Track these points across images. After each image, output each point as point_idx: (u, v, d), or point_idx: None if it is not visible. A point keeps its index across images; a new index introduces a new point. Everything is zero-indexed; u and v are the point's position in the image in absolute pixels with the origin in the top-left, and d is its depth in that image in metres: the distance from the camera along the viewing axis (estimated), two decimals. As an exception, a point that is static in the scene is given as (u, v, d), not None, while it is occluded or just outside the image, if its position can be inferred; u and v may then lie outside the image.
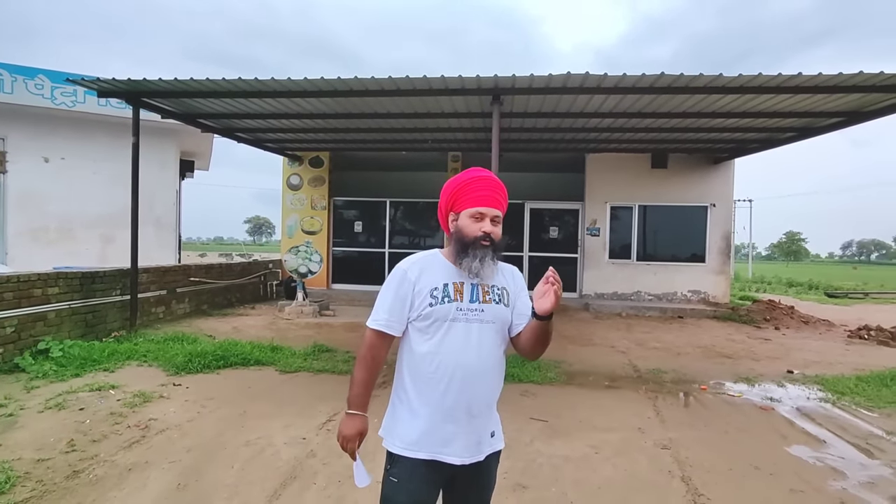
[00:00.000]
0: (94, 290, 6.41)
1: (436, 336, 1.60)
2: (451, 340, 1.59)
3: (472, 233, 1.61)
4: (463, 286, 1.62)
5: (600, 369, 5.94)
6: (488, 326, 1.63)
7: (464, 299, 1.61)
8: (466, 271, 1.61)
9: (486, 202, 1.63)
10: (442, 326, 1.59)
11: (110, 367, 5.15)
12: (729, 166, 11.15)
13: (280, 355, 5.85)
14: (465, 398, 1.59)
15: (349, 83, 6.05)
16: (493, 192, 1.65)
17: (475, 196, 1.63)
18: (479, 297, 1.63)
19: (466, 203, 1.63)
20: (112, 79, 6.13)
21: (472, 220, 1.62)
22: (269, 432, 3.72)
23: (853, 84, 5.63)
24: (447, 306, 1.59)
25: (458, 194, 1.66)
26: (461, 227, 1.64)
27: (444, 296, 1.60)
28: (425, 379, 1.60)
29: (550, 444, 3.71)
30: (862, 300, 15.75)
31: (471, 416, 1.61)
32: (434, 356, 1.59)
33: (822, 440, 3.95)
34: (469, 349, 1.59)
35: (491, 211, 1.64)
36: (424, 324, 1.61)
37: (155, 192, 10.51)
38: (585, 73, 5.59)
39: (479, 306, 1.62)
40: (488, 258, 1.60)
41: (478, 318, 1.61)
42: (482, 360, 1.61)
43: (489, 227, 1.62)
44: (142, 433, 3.61)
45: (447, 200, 1.71)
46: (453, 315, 1.59)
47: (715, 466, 3.42)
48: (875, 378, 5.57)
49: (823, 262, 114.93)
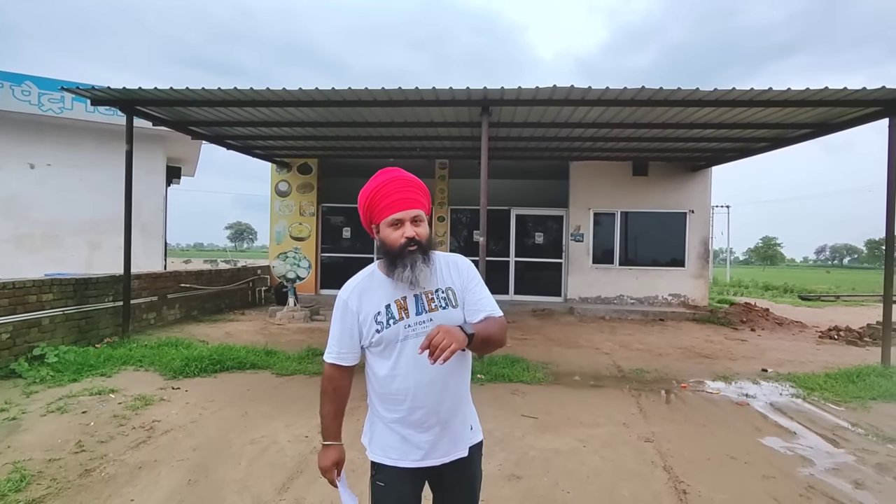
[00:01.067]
0: (88, 297, 6.45)
1: (391, 357, 1.57)
2: (406, 360, 1.56)
3: (395, 241, 1.54)
4: (406, 301, 1.57)
5: (586, 370, 6.18)
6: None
7: (410, 314, 1.56)
8: (401, 282, 1.55)
9: (400, 206, 1.55)
10: (395, 348, 1.56)
11: (107, 372, 5.22)
12: (707, 174, 11.57)
13: (275, 359, 5.97)
14: (432, 410, 1.58)
15: (342, 94, 6.22)
16: (405, 192, 1.56)
17: (388, 203, 1.55)
18: (424, 307, 1.58)
19: (382, 212, 1.56)
20: (107, 88, 6.22)
21: (392, 228, 1.55)
22: (272, 431, 3.86)
23: (819, 99, 5.99)
24: (394, 328, 1.55)
25: (371, 206, 1.58)
26: (383, 238, 1.57)
27: (389, 318, 1.55)
28: (390, 399, 1.59)
29: (541, 439, 3.92)
30: (833, 303, 16.35)
31: (442, 423, 1.60)
32: (392, 378, 1.57)
33: (793, 432, 4.23)
34: (424, 364, 1.47)
35: (408, 213, 1.55)
36: (378, 349, 1.58)
37: (142, 199, 10.47)
38: (570, 87, 5.86)
39: (427, 317, 1.57)
40: (419, 262, 1.53)
41: (426, 330, 1.53)
42: (440, 370, 1.53)
43: (411, 231, 1.54)
44: (147, 434, 3.72)
45: (364, 214, 1.62)
46: (403, 334, 1.55)
47: (694, 457, 3.66)
48: (842, 375, 5.90)
49: (798, 267, 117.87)
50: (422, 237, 1.56)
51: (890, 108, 5.98)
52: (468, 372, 1.72)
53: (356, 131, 8.70)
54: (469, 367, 1.72)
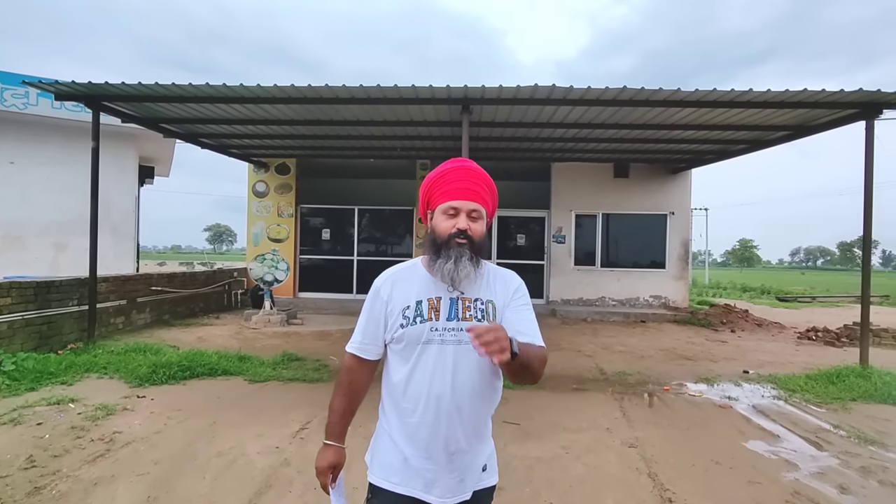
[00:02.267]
0: (50, 301, 6.14)
1: (410, 361, 1.42)
2: (422, 366, 1.40)
3: (445, 230, 1.40)
4: (440, 302, 1.42)
5: (569, 373, 6.09)
6: (467, 348, 1.34)
7: (440, 317, 1.41)
8: (440, 277, 1.40)
9: (461, 195, 1.41)
10: (415, 350, 1.41)
11: (68, 381, 4.94)
12: (686, 176, 11.64)
13: (248, 365, 5.75)
14: (440, 434, 1.39)
15: (319, 91, 6.04)
16: (469, 182, 1.43)
17: (449, 189, 1.42)
18: (458, 314, 1.41)
19: (440, 198, 1.43)
20: (72, 82, 5.93)
21: (446, 216, 1.42)
22: (241, 442, 3.66)
23: (798, 100, 6.02)
24: (419, 327, 1.40)
25: (432, 189, 1.47)
26: (434, 225, 1.45)
27: (417, 315, 1.41)
28: (400, 409, 1.43)
29: (523, 447, 3.79)
30: (810, 304, 16.64)
31: (449, 454, 1.40)
32: (406, 384, 1.42)
33: (777, 435, 4.18)
34: (442, 376, 1.38)
35: (467, 205, 1.41)
36: (398, 347, 1.43)
37: (112, 199, 10.14)
38: (552, 86, 5.78)
39: (458, 324, 1.40)
40: (465, 258, 1.37)
41: (455, 338, 1.39)
42: (458, 388, 1.39)
43: (464, 223, 1.40)
44: (106, 446, 3.49)
45: (423, 197, 1.51)
46: (426, 337, 1.40)
47: (679, 462, 3.57)
48: (822, 376, 5.91)
49: (774, 268, 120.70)
50: (475, 234, 1.41)
51: (867, 110, 6.03)
52: (494, 402, 1.50)
53: (334, 130, 8.51)
54: (497, 398, 1.51)
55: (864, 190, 6.02)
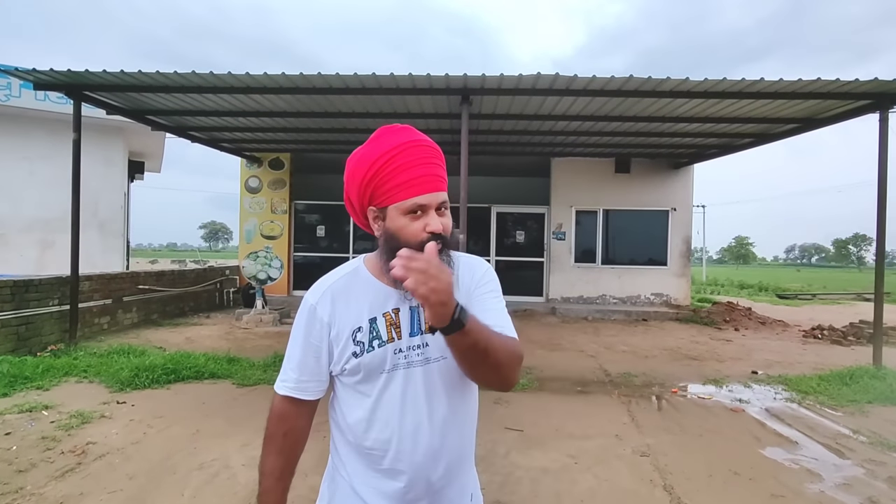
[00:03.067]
0: (28, 300, 5.85)
1: (370, 396, 1.10)
2: (389, 400, 1.10)
3: (415, 237, 1.04)
4: (398, 315, 1.10)
5: (571, 374, 5.85)
6: (437, 366, 1.11)
7: (402, 335, 1.09)
8: (401, 289, 1.04)
9: (427, 186, 1.05)
10: (377, 381, 1.09)
11: (44, 385, 4.66)
12: (689, 171, 11.42)
13: (237, 367, 5.49)
14: (421, 476, 1.10)
15: (312, 80, 5.77)
16: (432, 166, 1.07)
17: (409, 180, 1.04)
18: (420, 325, 1.11)
19: (395, 193, 1.04)
20: (50, 69, 5.64)
21: (410, 217, 1.04)
22: (225, 453, 3.40)
23: (810, 90, 5.78)
24: (379, 352, 1.08)
25: (377, 178, 1.06)
26: (394, 231, 1.06)
27: (374, 338, 1.09)
28: (364, 454, 1.12)
29: (527, 456, 3.55)
30: (810, 301, 16.48)
31: (433, 494, 1.13)
32: (369, 426, 1.10)
33: (794, 441, 3.96)
34: (415, 407, 1.09)
35: (435, 198, 1.06)
36: (353, 379, 1.11)
37: (99, 194, 9.85)
38: (555, 75, 5.53)
39: (422, 339, 1.10)
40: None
41: (422, 357, 1.10)
42: (437, 417, 1.11)
43: (437, 224, 1.04)
44: (77, 460, 3.23)
45: (361, 189, 1.09)
46: (391, 362, 1.09)
47: (695, 473, 3.34)
48: (835, 377, 5.70)
49: (769, 265, 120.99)
50: (447, 231, 1.07)
51: (881, 101, 5.81)
52: (474, 422, 1.22)
53: (328, 122, 8.23)
54: (475, 416, 1.22)
55: (878, 183, 5.80)
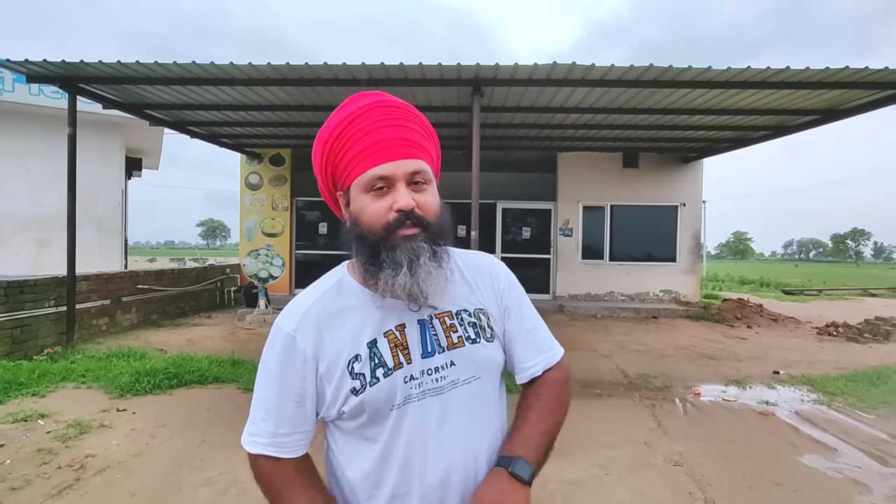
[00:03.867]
0: (23, 302, 5.62)
1: (378, 442, 0.88)
2: (405, 442, 0.88)
3: (378, 219, 0.85)
4: (404, 333, 0.89)
5: (588, 376, 5.65)
6: (467, 389, 0.91)
7: (411, 358, 0.88)
8: (389, 297, 0.88)
9: (390, 152, 0.84)
10: (386, 421, 0.87)
11: (40, 392, 4.43)
12: (698, 166, 11.20)
13: (242, 371, 5.26)
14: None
15: (317, 70, 5.53)
16: (399, 128, 0.86)
17: (365, 147, 0.84)
18: (439, 341, 0.90)
19: (354, 165, 0.85)
20: (43, 60, 5.39)
21: (372, 195, 0.85)
22: (234, 466, 3.18)
23: (836, 80, 5.57)
24: (386, 384, 0.87)
25: (335, 153, 0.87)
26: (356, 214, 0.87)
27: (377, 366, 0.87)
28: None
29: (556, 466, 3.34)
30: (816, 297, 16.31)
31: None
32: (380, 481, 0.89)
33: (833, 448, 3.76)
34: (442, 450, 0.88)
35: (402, 166, 0.84)
36: (353, 424, 0.90)
37: (97, 192, 9.61)
38: (572, 64, 5.29)
39: (445, 358, 0.90)
40: (425, 258, 0.84)
41: (448, 383, 0.89)
42: (472, 455, 0.90)
43: (406, 200, 0.84)
44: (76, 475, 3.01)
45: (323, 170, 0.91)
46: (402, 395, 0.87)
47: (735, 484, 3.14)
48: (862, 377, 5.52)
49: (767, 261, 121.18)
50: (427, 211, 0.86)
51: (909, 91, 5.60)
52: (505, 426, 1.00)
53: (332, 117, 7.98)
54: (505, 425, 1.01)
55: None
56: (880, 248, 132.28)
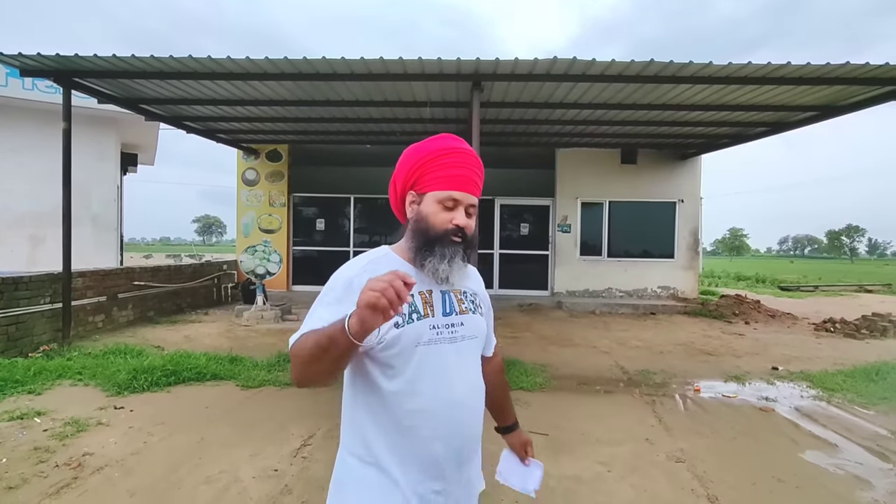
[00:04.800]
0: (18, 299, 5.56)
1: (407, 368, 1.16)
2: (430, 372, 1.18)
3: (441, 224, 1.20)
4: (432, 295, 1.23)
5: (588, 372, 5.64)
6: (469, 343, 1.27)
7: (435, 313, 1.22)
8: (431, 275, 1.21)
9: (463, 185, 1.21)
10: (413, 354, 1.17)
11: (36, 389, 4.39)
12: (697, 162, 11.20)
13: (240, 367, 5.23)
14: (455, 445, 1.21)
15: (315, 64, 5.48)
16: (472, 171, 1.23)
17: (449, 175, 1.20)
18: (454, 307, 1.25)
19: (436, 183, 1.21)
20: (37, 54, 5.31)
21: (442, 207, 1.20)
22: (234, 464, 3.15)
23: (837, 75, 5.55)
24: (417, 326, 1.17)
25: (424, 168, 1.22)
26: (426, 214, 1.21)
27: (413, 311, 1.18)
28: (401, 429, 1.17)
29: (557, 463, 3.33)
30: (813, 293, 16.37)
31: (460, 464, 1.23)
32: (411, 397, 1.17)
33: (834, 444, 3.76)
34: (455, 379, 1.21)
35: (467, 198, 1.22)
36: (388, 353, 1.16)
37: (92, 187, 9.51)
38: (573, 59, 5.26)
39: (458, 318, 1.25)
40: (458, 258, 1.21)
41: (457, 334, 1.24)
42: (472, 388, 1.26)
43: (463, 220, 1.21)
44: (73, 474, 2.97)
45: (408, 174, 1.25)
46: (427, 337, 1.18)
47: (737, 481, 3.13)
48: (860, 373, 5.53)
49: (763, 257, 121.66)
50: (470, 231, 1.24)
51: (909, 87, 5.59)
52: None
53: (329, 111, 7.92)
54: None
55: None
56: (875, 245, 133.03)
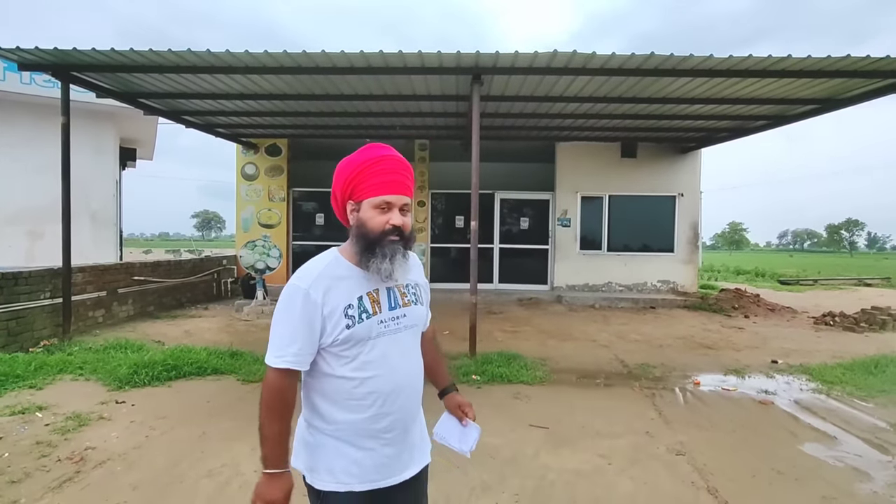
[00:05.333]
0: (18, 293, 5.56)
1: (358, 357, 1.35)
2: (377, 359, 1.36)
3: (378, 227, 1.35)
4: (378, 294, 1.39)
5: (587, 366, 5.66)
6: (412, 331, 1.47)
7: (382, 309, 1.39)
8: (376, 274, 1.36)
9: (394, 188, 1.36)
10: (364, 346, 1.35)
11: (38, 384, 4.39)
12: (696, 156, 11.17)
13: (241, 362, 5.23)
14: (401, 417, 1.41)
15: (314, 58, 5.45)
16: (400, 175, 1.38)
17: (380, 182, 1.35)
18: (397, 301, 1.43)
19: (369, 190, 1.35)
20: (35, 48, 5.28)
21: (378, 210, 1.35)
22: (235, 458, 3.16)
23: (838, 68, 5.53)
24: (367, 323, 1.35)
25: (358, 179, 1.36)
26: (364, 220, 1.36)
27: (362, 312, 1.35)
28: (351, 406, 1.35)
29: (557, 456, 3.34)
30: (812, 287, 16.38)
31: (406, 432, 1.45)
32: (360, 381, 1.35)
33: (833, 436, 3.77)
34: (399, 364, 1.41)
35: (399, 199, 1.37)
36: (341, 348, 1.34)
37: (90, 183, 9.49)
38: (573, 52, 5.23)
39: (402, 311, 1.43)
40: (399, 255, 1.37)
41: (401, 325, 1.42)
42: (412, 370, 1.46)
43: (398, 220, 1.36)
44: (76, 468, 2.98)
45: (344, 187, 1.40)
46: (376, 331, 1.36)
47: (737, 473, 3.14)
48: (859, 366, 5.55)
49: (762, 251, 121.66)
50: (406, 229, 1.40)
51: (910, 79, 5.57)
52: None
53: (329, 105, 7.89)
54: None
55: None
56: (874, 239, 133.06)
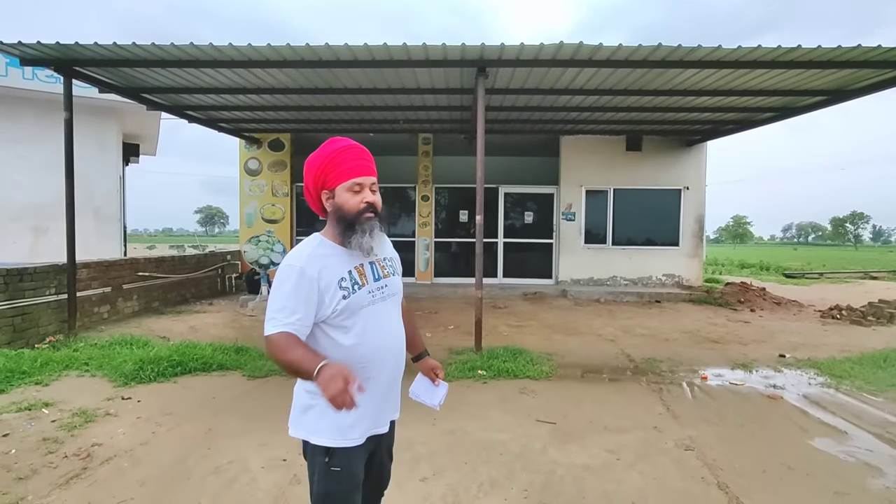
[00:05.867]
0: (23, 290, 5.55)
1: (355, 327, 1.53)
2: (373, 327, 1.55)
3: (355, 206, 1.53)
4: (363, 267, 1.58)
5: (594, 360, 5.63)
6: (393, 300, 1.65)
7: (369, 281, 1.57)
8: (358, 249, 1.53)
9: (362, 171, 1.55)
10: (360, 315, 1.53)
11: (44, 380, 4.40)
12: (702, 149, 11.08)
13: (247, 357, 5.23)
14: (393, 376, 1.64)
15: (318, 51, 5.40)
16: (364, 160, 1.57)
17: (348, 167, 1.53)
18: (379, 273, 1.61)
19: (340, 177, 1.53)
20: (37, 42, 5.24)
21: (351, 193, 1.53)
22: (242, 454, 3.15)
23: (848, 58, 5.45)
24: (360, 293, 1.53)
25: (327, 169, 1.54)
26: (341, 203, 1.53)
27: (354, 283, 1.53)
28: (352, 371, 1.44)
29: (566, 451, 3.32)
30: (818, 280, 16.30)
31: (391, 385, 1.65)
32: (360, 347, 1.53)
33: (843, 431, 3.74)
34: (389, 329, 1.61)
35: (368, 179, 1.56)
36: (339, 318, 1.51)
37: (93, 178, 9.47)
38: (579, 43, 5.16)
39: (384, 281, 1.61)
40: (377, 230, 1.56)
41: (386, 293, 1.61)
42: (398, 334, 1.66)
43: (371, 197, 1.56)
44: (82, 464, 2.97)
45: (316, 179, 1.57)
46: (367, 300, 1.55)
47: (747, 469, 3.12)
48: (868, 360, 5.50)
49: (766, 245, 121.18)
50: (378, 206, 1.57)
51: (921, 69, 5.48)
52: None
53: (332, 99, 7.84)
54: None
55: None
56: (879, 232, 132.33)
